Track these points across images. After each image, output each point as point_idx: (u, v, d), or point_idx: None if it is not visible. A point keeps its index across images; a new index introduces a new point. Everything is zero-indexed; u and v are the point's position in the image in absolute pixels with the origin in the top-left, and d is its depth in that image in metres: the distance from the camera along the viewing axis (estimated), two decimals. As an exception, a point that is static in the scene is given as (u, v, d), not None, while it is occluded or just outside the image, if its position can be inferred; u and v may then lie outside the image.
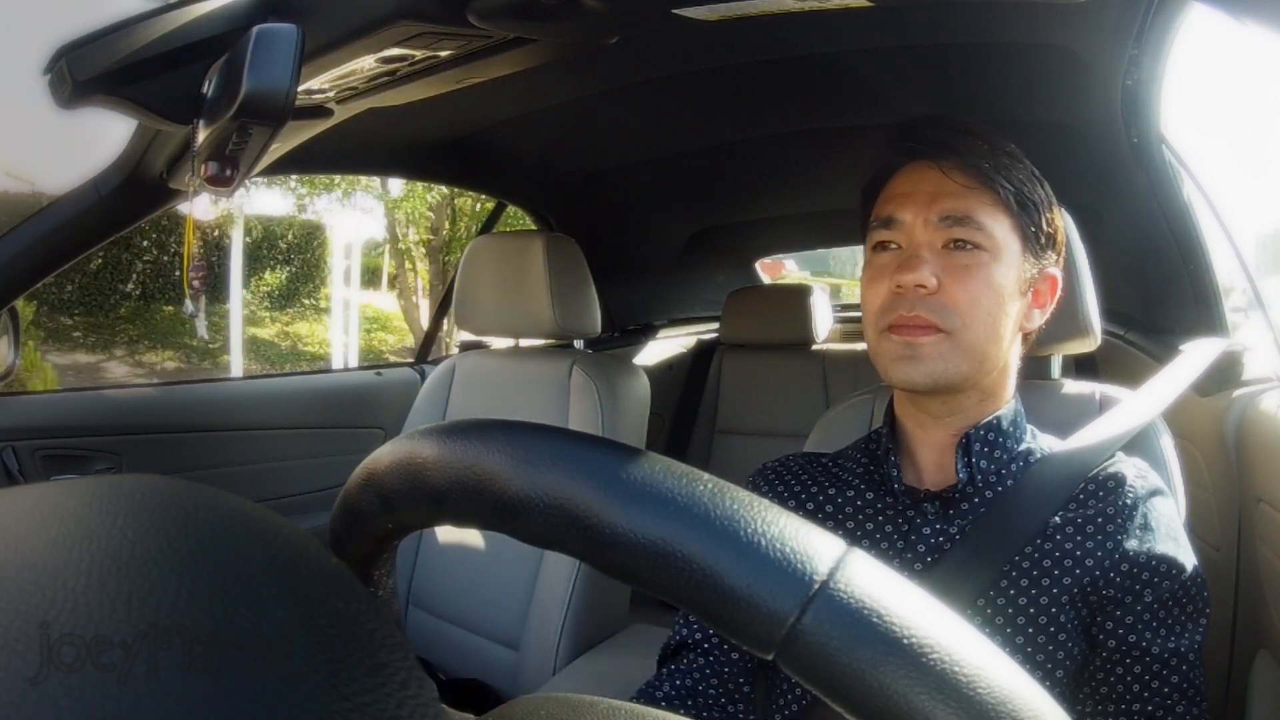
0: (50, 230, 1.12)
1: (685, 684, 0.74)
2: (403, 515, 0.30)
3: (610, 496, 0.25)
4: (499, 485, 0.26)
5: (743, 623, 0.23)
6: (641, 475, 0.25)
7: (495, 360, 1.56)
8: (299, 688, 0.18)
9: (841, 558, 0.23)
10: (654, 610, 1.60)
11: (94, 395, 1.53)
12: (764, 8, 0.80)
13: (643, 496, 0.25)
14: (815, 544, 0.24)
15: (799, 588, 0.23)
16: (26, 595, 0.18)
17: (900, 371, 0.69)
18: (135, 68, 0.73)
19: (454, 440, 0.28)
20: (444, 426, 0.29)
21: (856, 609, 0.22)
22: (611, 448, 0.26)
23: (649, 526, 0.24)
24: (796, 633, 0.22)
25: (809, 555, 0.23)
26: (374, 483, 0.30)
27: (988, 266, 0.68)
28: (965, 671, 0.22)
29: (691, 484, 0.25)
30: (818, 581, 0.23)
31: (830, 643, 0.22)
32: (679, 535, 0.24)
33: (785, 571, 0.23)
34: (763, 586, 0.23)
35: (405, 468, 0.29)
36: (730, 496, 0.24)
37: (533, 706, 0.29)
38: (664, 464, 0.25)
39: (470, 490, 0.27)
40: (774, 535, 0.23)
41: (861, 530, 0.73)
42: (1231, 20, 0.55)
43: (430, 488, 0.28)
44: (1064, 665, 0.66)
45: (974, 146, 0.69)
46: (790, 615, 0.22)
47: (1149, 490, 0.70)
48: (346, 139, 1.20)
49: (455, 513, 0.28)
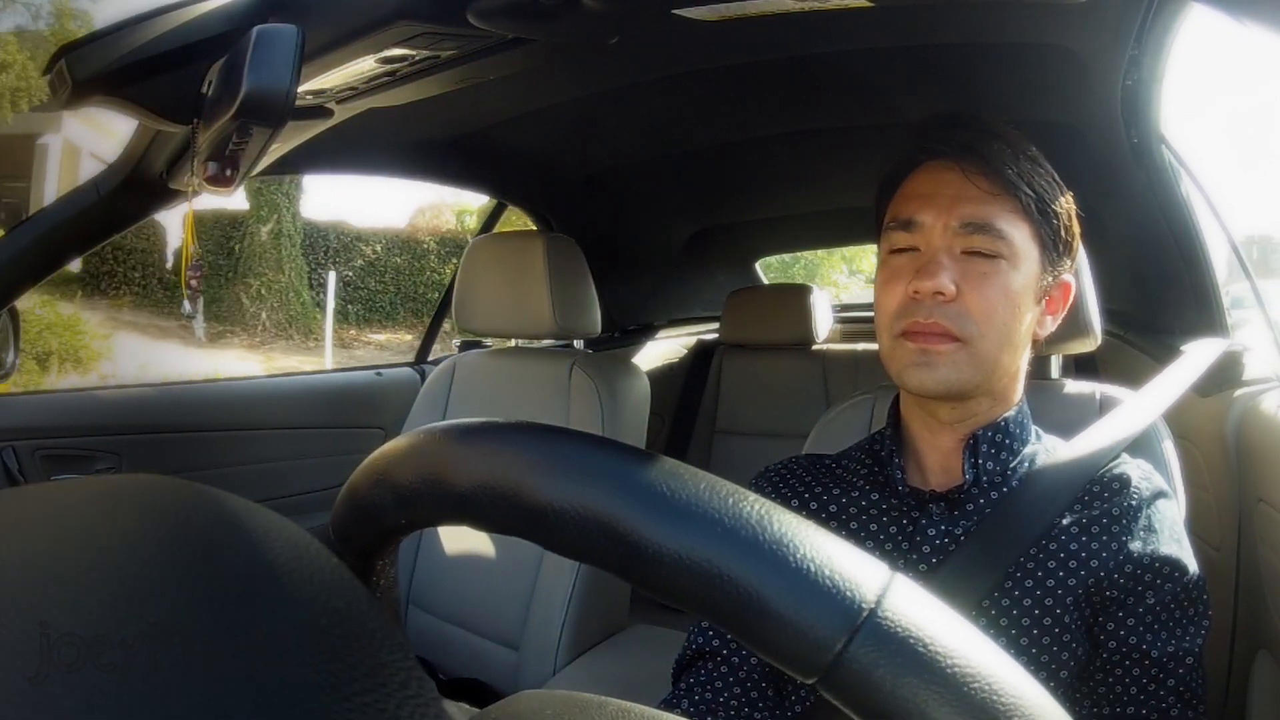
0: (50, 230, 1.12)
1: (705, 697, 0.72)
2: (420, 514, 0.29)
3: (655, 514, 0.24)
4: (531, 494, 0.26)
5: (788, 647, 0.23)
6: (689, 493, 0.25)
7: (495, 360, 1.56)
8: (299, 688, 0.18)
9: (888, 584, 0.23)
10: (654, 610, 1.60)
11: (94, 395, 1.52)
12: (764, 8, 0.80)
13: (690, 515, 0.24)
14: (862, 570, 0.24)
15: (847, 615, 0.23)
16: (26, 595, 0.18)
17: (914, 378, 0.68)
18: (135, 68, 0.73)
19: (482, 442, 0.28)
20: (469, 426, 0.29)
21: (903, 637, 0.22)
22: (654, 461, 0.26)
23: (695, 546, 0.24)
24: (842, 660, 0.22)
25: (857, 582, 0.23)
26: (389, 479, 0.29)
27: (1006, 275, 0.68)
28: (1004, 701, 0.22)
29: (739, 504, 0.24)
30: (865, 609, 0.23)
31: (875, 670, 0.22)
32: (726, 556, 0.24)
33: (834, 598, 0.23)
34: (811, 612, 0.23)
35: (427, 467, 0.28)
36: (778, 519, 0.24)
37: (538, 703, 0.29)
38: (710, 481, 0.25)
39: (500, 496, 0.26)
40: (823, 560, 0.23)
41: (865, 531, 0.73)
42: (1231, 20, 0.55)
43: (454, 490, 0.27)
44: (1068, 666, 0.66)
45: (999, 150, 0.68)
46: (838, 642, 0.22)
47: (1154, 492, 0.70)
48: (346, 139, 1.20)
49: (481, 517, 0.27)
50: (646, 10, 0.82)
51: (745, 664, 0.73)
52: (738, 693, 0.72)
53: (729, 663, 0.73)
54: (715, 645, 0.74)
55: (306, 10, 0.74)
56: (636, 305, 2.44)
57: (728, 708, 0.72)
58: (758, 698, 0.72)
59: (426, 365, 1.87)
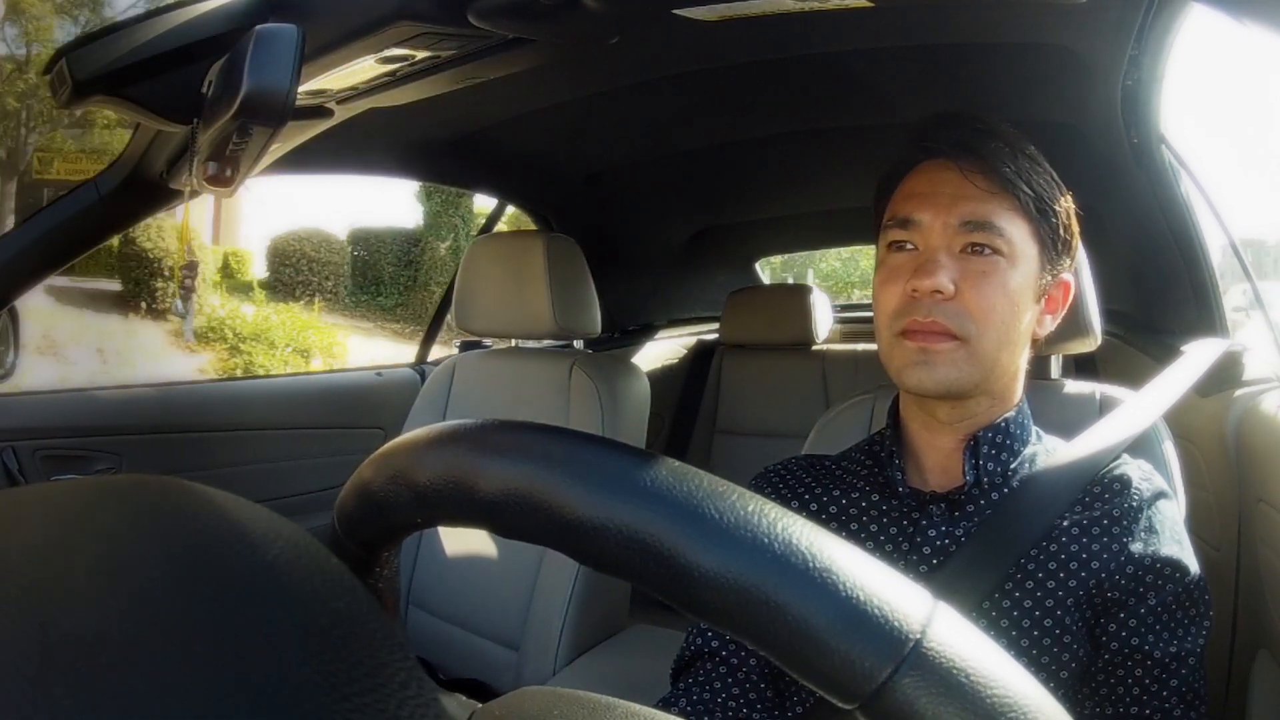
0: (50, 230, 1.12)
1: (704, 697, 0.72)
2: (439, 515, 0.28)
3: (702, 538, 0.24)
4: (567, 508, 0.25)
5: (833, 675, 0.23)
6: (736, 516, 0.24)
7: (495, 361, 1.56)
8: (299, 688, 0.18)
9: (932, 614, 0.23)
10: (654, 611, 1.60)
11: (94, 395, 1.52)
12: (764, 8, 0.80)
13: (738, 540, 0.24)
14: (908, 599, 0.24)
15: (894, 645, 0.23)
16: (26, 595, 0.18)
17: (913, 377, 0.68)
18: (135, 68, 0.73)
19: (514, 449, 0.27)
20: (499, 428, 0.28)
21: (946, 669, 0.23)
22: (700, 480, 0.25)
23: (743, 572, 0.24)
24: (886, 689, 0.23)
25: (904, 612, 0.23)
26: (406, 477, 0.29)
27: (1005, 273, 0.67)
28: None
29: (788, 530, 0.24)
30: (912, 640, 0.23)
31: (919, 701, 0.22)
32: (774, 583, 0.23)
33: (882, 628, 0.23)
34: (859, 642, 0.23)
35: (452, 469, 0.28)
36: (826, 545, 0.24)
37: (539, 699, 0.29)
38: (758, 504, 0.25)
39: (532, 508, 0.26)
40: (872, 590, 0.23)
41: (865, 532, 0.73)
42: (1231, 20, 0.55)
43: (481, 496, 0.27)
44: (1069, 667, 0.65)
45: (996, 149, 0.68)
46: (883, 673, 0.23)
47: (1154, 493, 0.69)
48: (346, 139, 1.20)
49: (509, 526, 0.27)
50: (646, 10, 0.82)
51: (744, 665, 0.73)
52: (736, 694, 0.72)
53: (728, 663, 0.73)
54: (714, 646, 0.74)
55: (306, 10, 0.74)
56: (636, 305, 2.44)
57: (725, 708, 0.72)
58: (756, 699, 0.72)
59: (426, 365, 1.87)
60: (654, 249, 2.42)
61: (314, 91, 0.88)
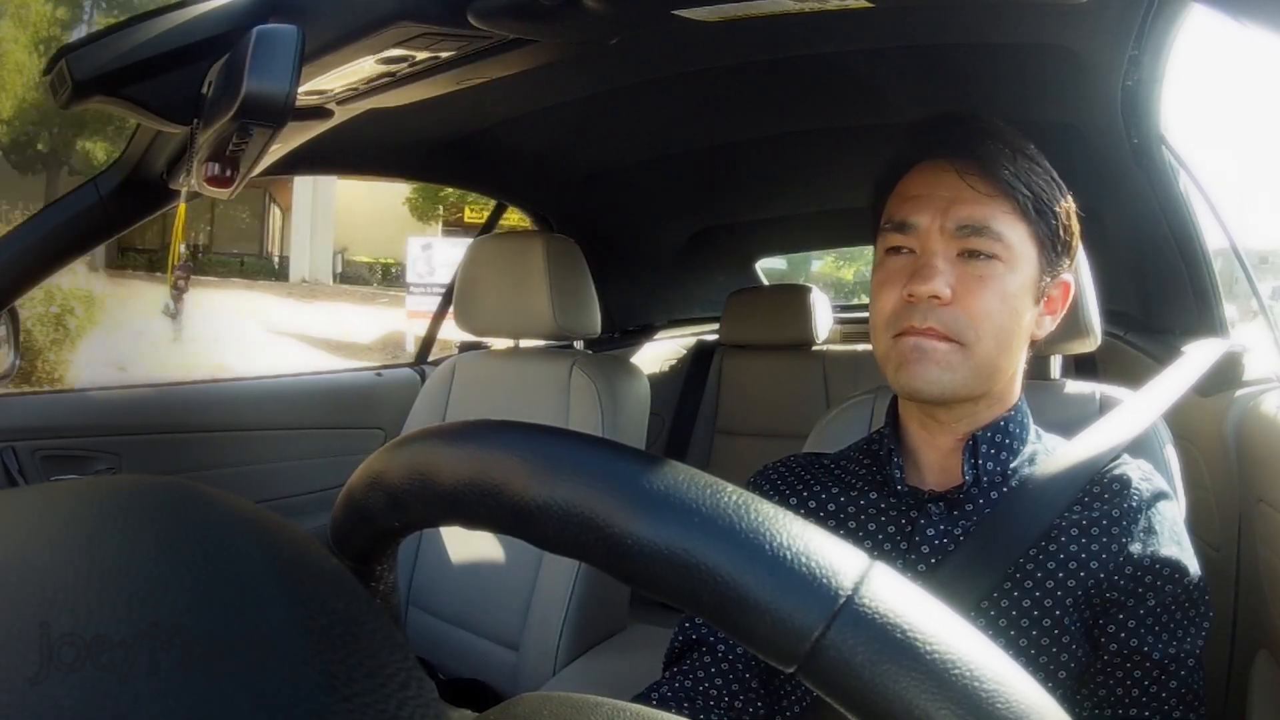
0: (50, 230, 1.12)
1: (685, 685, 0.72)
2: (411, 515, 0.29)
3: (633, 506, 0.25)
4: (515, 490, 0.26)
5: (766, 636, 0.23)
6: (666, 485, 0.25)
7: (495, 361, 1.56)
8: (299, 688, 0.18)
9: (866, 572, 0.23)
10: (654, 611, 1.60)
11: (94, 395, 1.52)
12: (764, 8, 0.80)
13: (667, 506, 0.24)
14: (839, 558, 0.24)
15: (824, 602, 0.23)
16: (26, 595, 0.18)
17: (908, 380, 0.68)
18: (135, 68, 0.73)
19: (468, 442, 0.28)
20: (457, 427, 0.29)
21: (880, 624, 0.22)
22: (633, 456, 0.26)
23: (673, 537, 0.24)
24: (820, 647, 0.23)
25: (834, 569, 0.23)
26: (381, 481, 0.30)
27: (1003, 277, 0.67)
28: (986, 687, 0.22)
29: (717, 495, 0.25)
30: (843, 596, 0.23)
31: (854, 657, 0.22)
32: (703, 547, 0.24)
33: (810, 586, 0.23)
34: (788, 601, 0.23)
35: (416, 467, 0.29)
36: (755, 509, 0.24)
37: (536, 704, 0.29)
38: (688, 473, 0.25)
39: (485, 494, 0.27)
40: (799, 549, 0.23)
41: (864, 531, 0.73)
42: (1231, 21, 0.55)
43: (442, 489, 0.28)
44: (1067, 667, 0.65)
45: (995, 150, 0.67)
46: (815, 630, 0.23)
47: (1154, 493, 0.69)
48: (346, 139, 1.20)
49: (468, 515, 0.28)
50: (647, 10, 0.82)
51: (731, 653, 0.73)
52: (719, 683, 0.72)
53: (714, 651, 0.73)
54: (703, 634, 0.74)
55: (306, 11, 0.74)
56: (636, 305, 2.44)
57: (707, 696, 0.72)
58: (739, 689, 0.72)
59: (426, 365, 1.87)
60: (654, 249, 2.42)
61: (314, 92, 0.88)
